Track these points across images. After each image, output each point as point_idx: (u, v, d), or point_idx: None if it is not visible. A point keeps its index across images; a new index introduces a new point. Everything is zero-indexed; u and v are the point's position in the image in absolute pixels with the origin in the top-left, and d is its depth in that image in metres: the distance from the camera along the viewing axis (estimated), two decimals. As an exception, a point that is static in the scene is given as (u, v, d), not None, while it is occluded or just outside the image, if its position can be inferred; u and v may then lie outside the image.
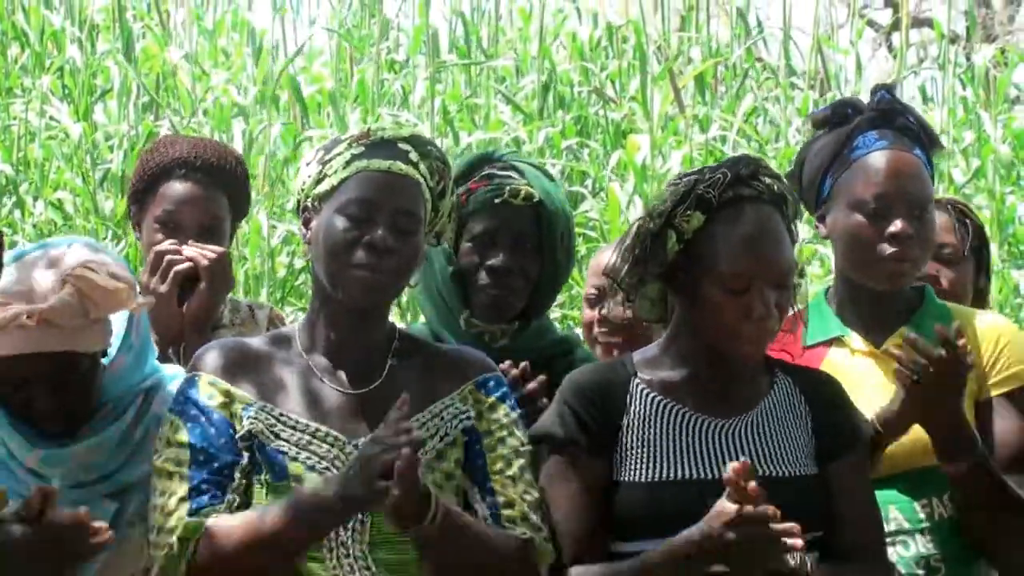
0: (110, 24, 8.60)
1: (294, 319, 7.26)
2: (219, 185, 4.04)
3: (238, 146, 7.76)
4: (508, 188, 3.67)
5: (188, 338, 3.90)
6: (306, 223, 3.24)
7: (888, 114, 3.63)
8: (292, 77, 8.23)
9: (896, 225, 3.53)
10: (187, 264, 3.91)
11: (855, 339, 3.61)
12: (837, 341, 3.62)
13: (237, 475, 3.11)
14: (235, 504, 3.10)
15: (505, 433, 3.22)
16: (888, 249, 3.53)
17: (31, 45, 8.59)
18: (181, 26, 8.64)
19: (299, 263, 7.62)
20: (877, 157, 3.58)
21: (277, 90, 8.22)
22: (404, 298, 6.12)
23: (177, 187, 4.02)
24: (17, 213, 7.55)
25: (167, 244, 3.95)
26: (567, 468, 3.25)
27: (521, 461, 3.21)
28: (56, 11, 8.79)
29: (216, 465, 3.11)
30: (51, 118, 8.03)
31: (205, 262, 3.91)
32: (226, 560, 3.04)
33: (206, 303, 3.94)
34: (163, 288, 3.89)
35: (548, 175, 3.82)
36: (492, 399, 3.23)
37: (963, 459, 3.39)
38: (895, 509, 3.47)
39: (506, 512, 3.16)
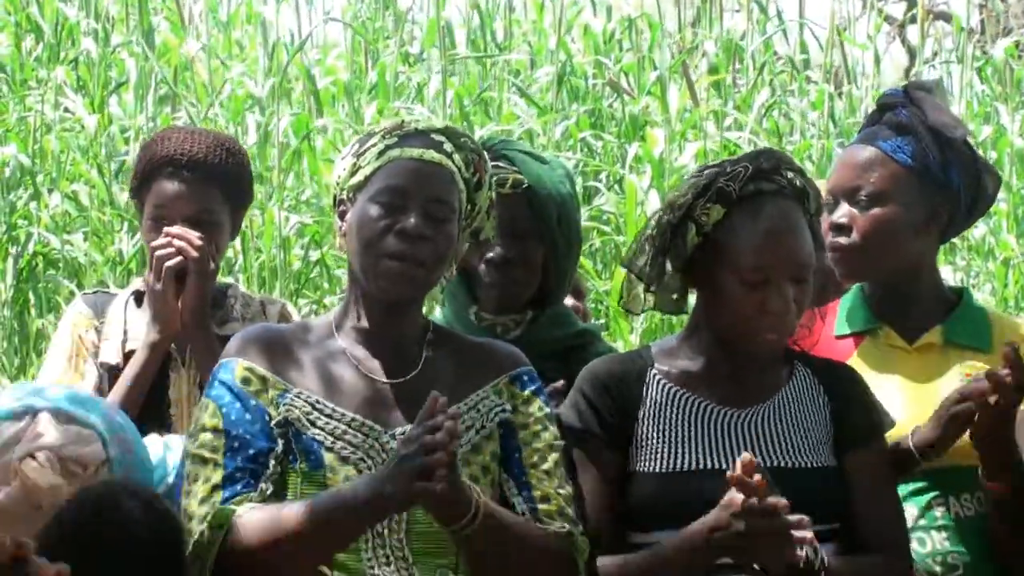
0: (124, 16, 8.60)
1: (309, 312, 7.27)
2: (209, 179, 4.05)
3: (252, 138, 7.76)
4: (495, 178, 3.66)
5: (190, 332, 3.94)
6: (341, 216, 3.22)
7: (880, 109, 3.65)
8: (306, 69, 8.21)
9: (834, 217, 3.55)
10: (178, 259, 3.94)
11: (889, 333, 3.60)
12: (871, 333, 3.61)
13: (272, 463, 3.08)
14: (268, 492, 3.06)
15: (540, 427, 3.20)
16: (831, 237, 3.55)
17: (46, 37, 8.58)
18: (198, 17, 8.63)
19: (314, 255, 7.61)
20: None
21: (292, 82, 8.21)
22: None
23: (165, 186, 4.05)
24: (33, 204, 7.55)
25: (159, 241, 3.99)
26: (584, 459, 3.25)
27: (555, 455, 3.19)
28: (71, 3, 8.78)
29: (251, 452, 3.07)
30: (66, 110, 8.03)
31: (195, 253, 3.95)
32: (246, 555, 2.99)
33: (196, 293, 3.96)
34: (158, 286, 3.94)
35: (540, 159, 3.78)
36: (527, 393, 3.21)
37: (1009, 479, 3.37)
38: (912, 506, 3.46)
39: (543, 507, 3.14)
